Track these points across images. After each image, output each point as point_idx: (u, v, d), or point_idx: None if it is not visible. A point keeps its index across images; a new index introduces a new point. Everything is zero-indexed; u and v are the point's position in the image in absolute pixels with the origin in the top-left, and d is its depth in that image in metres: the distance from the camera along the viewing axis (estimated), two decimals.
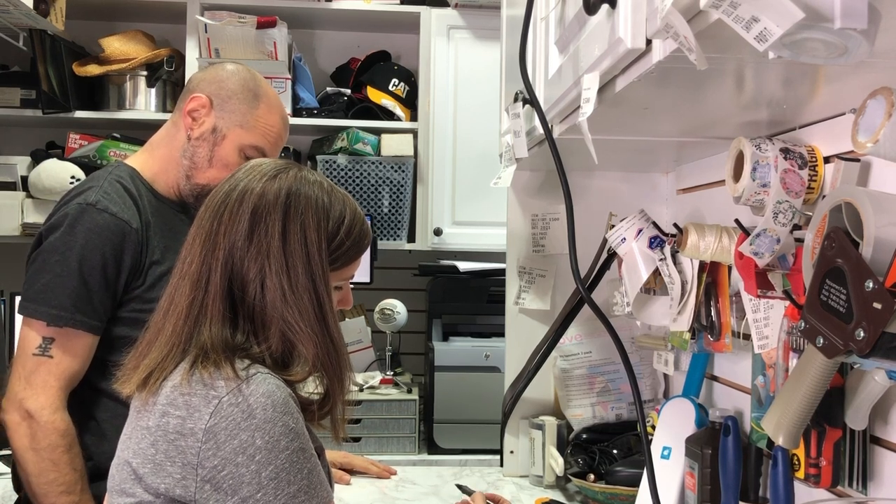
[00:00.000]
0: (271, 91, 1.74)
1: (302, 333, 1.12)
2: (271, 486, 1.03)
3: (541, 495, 1.91)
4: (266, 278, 1.12)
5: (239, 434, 1.03)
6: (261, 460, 1.03)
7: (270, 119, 1.69)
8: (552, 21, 1.42)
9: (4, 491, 1.93)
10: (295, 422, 1.07)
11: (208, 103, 1.66)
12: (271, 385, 1.07)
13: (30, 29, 2.67)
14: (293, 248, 1.13)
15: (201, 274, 1.13)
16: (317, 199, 1.17)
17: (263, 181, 1.16)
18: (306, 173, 1.20)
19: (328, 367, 1.15)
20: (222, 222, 1.15)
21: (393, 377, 2.65)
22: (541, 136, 1.48)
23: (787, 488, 1.21)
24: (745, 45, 0.73)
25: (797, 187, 1.21)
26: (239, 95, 1.67)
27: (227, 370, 1.06)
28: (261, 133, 1.68)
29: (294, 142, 3.09)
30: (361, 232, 1.22)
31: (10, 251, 2.94)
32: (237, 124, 1.66)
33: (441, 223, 2.94)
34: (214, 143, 1.66)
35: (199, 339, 1.10)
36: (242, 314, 1.13)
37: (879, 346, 0.82)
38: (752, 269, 1.24)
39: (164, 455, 1.05)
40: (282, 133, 1.73)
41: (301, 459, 1.06)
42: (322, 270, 1.15)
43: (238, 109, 1.67)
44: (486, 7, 2.88)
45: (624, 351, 1.25)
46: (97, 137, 2.86)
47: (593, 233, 1.78)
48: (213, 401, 1.05)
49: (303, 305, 1.12)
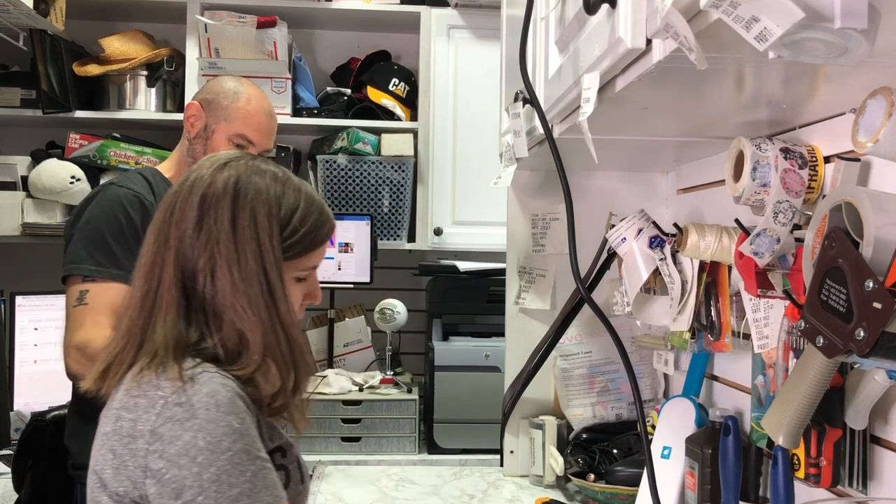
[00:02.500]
0: (253, 89, 1.95)
1: (249, 321, 1.10)
2: (213, 488, 1.00)
3: (541, 495, 1.92)
4: (216, 267, 1.10)
5: (182, 435, 1.01)
6: (202, 462, 1.01)
7: (250, 108, 1.91)
8: (552, 21, 1.42)
9: (4, 491, 1.93)
10: (240, 422, 1.04)
11: (199, 107, 1.92)
12: (216, 385, 1.05)
13: (30, 29, 2.67)
14: (242, 236, 1.11)
15: (154, 266, 1.13)
16: (268, 188, 1.15)
17: (213, 171, 1.15)
18: (258, 163, 1.19)
19: (278, 357, 1.12)
20: (173, 213, 1.14)
21: (393, 377, 2.65)
22: (541, 135, 1.48)
23: (787, 488, 1.21)
24: (745, 45, 0.73)
25: (797, 187, 1.21)
26: (221, 95, 1.92)
27: (174, 370, 1.05)
28: (242, 122, 1.89)
29: (294, 142, 3.09)
30: (319, 220, 1.19)
31: (11, 251, 2.94)
32: (222, 118, 1.90)
33: (441, 223, 2.94)
34: (207, 138, 1.90)
35: (152, 335, 1.09)
36: (196, 305, 1.11)
37: (879, 345, 0.82)
38: (752, 268, 1.24)
39: (121, 459, 1.05)
40: (264, 121, 1.93)
41: (244, 461, 1.03)
42: (273, 258, 1.12)
43: (221, 105, 1.90)
44: (486, 7, 2.88)
45: (624, 351, 1.25)
46: (97, 137, 2.86)
47: (593, 233, 1.79)
48: (159, 402, 1.04)
49: (252, 293, 1.10)
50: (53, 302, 2.41)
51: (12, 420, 2.34)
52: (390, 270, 3.05)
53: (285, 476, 1.14)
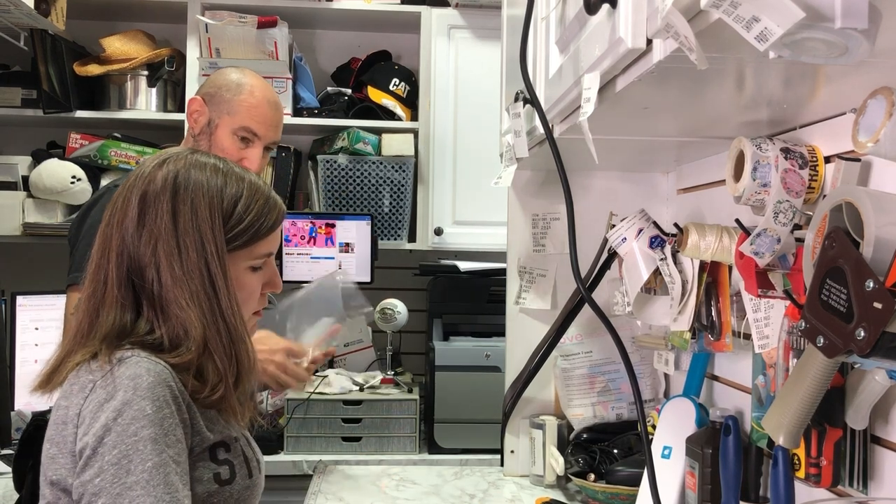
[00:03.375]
0: (257, 80, 1.90)
1: (189, 312, 1.10)
2: (111, 471, 0.99)
3: (541, 495, 1.92)
4: (160, 262, 1.11)
5: (100, 416, 1.01)
6: (108, 442, 1.00)
7: (253, 100, 1.85)
8: (553, 21, 1.42)
9: (5, 491, 1.93)
10: (155, 409, 1.02)
11: (202, 102, 1.88)
12: (141, 369, 1.04)
13: (31, 29, 2.67)
14: (184, 229, 1.12)
15: (99, 267, 1.14)
16: (208, 180, 1.15)
17: (152, 168, 1.16)
18: (199, 157, 1.19)
19: (217, 349, 1.11)
20: (115, 213, 1.15)
21: (393, 377, 2.65)
22: (541, 135, 1.48)
23: (788, 488, 1.21)
24: (745, 45, 0.73)
25: (797, 187, 1.21)
26: (224, 88, 1.87)
27: (105, 356, 1.06)
28: (245, 114, 1.84)
29: (294, 141, 3.09)
30: (265, 207, 1.18)
31: (11, 251, 2.94)
32: (225, 112, 1.85)
33: (441, 223, 2.94)
34: (211, 133, 1.86)
35: (96, 334, 1.10)
36: (145, 301, 1.12)
37: (880, 345, 0.82)
38: (752, 268, 1.24)
39: (57, 448, 1.05)
40: (268, 112, 1.87)
41: (148, 450, 1.00)
42: (216, 249, 1.12)
43: (223, 99, 1.86)
44: (486, 7, 2.88)
45: (624, 351, 1.25)
46: (98, 137, 2.86)
47: (593, 233, 1.78)
48: (88, 385, 1.05)
49: (193, 285, 1.10)
50: (54, 302, 2.41)
51: (13, 420, 2.34)
52: (391, 270, 3.05)
53: (229, 471, 1.13)
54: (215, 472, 1.11)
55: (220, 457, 1.12)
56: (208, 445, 1.11)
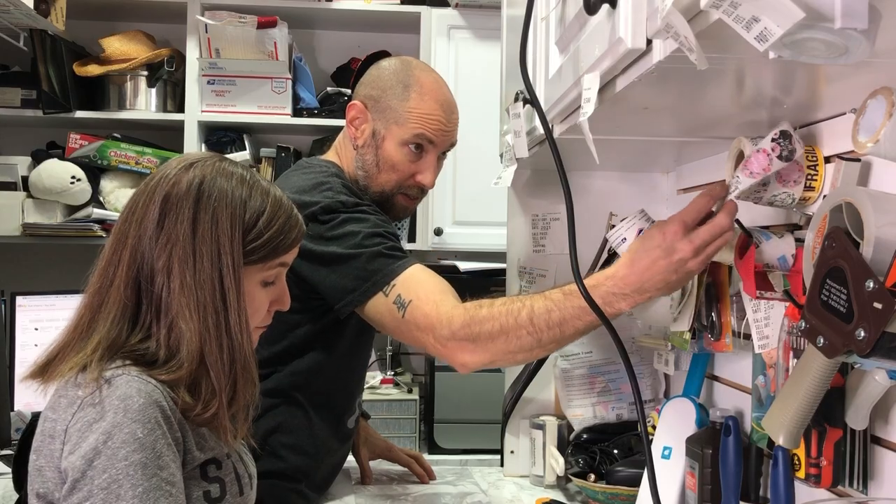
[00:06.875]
0: (425, 77, 1.63)
1: (191, 323, 1.07)
2: (100, 496, 0.97)
3: (541, 495, 1.91)
4: (172, 266, 1.08)
5: (88, 436, 0.99)
6: (98, 465, 0.97)
7: (424, 107, 1.60)
8: (552, 21, 1.42)
9: (5, 491, 1.93)
10: (147, 432, 1.00)
11: (363, 108, 1.63)
12: (131, 389, 1.01)
13: (30, 29, 2.67)
14: (202, 238, 1.09)
15: (109, 263, 1.11)
16: (233, 190, 1.12)
17: (178, 170, 1.13)
18: (227, 164, 1.16)
19: (215, 364, 1.08)
20: (135, 212, 1.12)
21: (393, 377, 2.65)
22: (541, 135, 1.48)
23: (788, 488, 1.21)
24: (745, 45, 0.73)
25: (794, 176, 1.21)
26: (389, 92, 1.61)
27: (95, 371, 1.03)
28: (417, 124, 1.60)
29: (294, 142, 3.09)
30: (286, 225, 1.16)
31: (11, 251, 2.94)
32: (392, 122, 1.60)
33: (441, 223, 2.94)
34: (377, 146, 1.61)
35: (92, 333, 1.08)
36: (147, 305, 1.09)
37: (880, 346, 0.82)
38: (751, 269, 1.24)
39: (45, 460, 1.03)
40: (443, 118, 1.62)
41: (138, 475, 0.98)
42: (232, 261, 1.10)
43: (390, 106, 1.60)
44: (486, 7, 2.88)
45: (624, 351, 1.25)
46: (98, 137, 2.86)
47: (593, 233, 1.78)
48: (76, 402, 1.02)
49: (202, 295, 1.07)
50: (54, 302, 2.41)
51: (13, 420, 2.34)
52: None
53: (220, 489, 1.11)
54: (205, 489, 1.09)
55: (210, 474, 1.10)
56: (199, 463, 1.09)
